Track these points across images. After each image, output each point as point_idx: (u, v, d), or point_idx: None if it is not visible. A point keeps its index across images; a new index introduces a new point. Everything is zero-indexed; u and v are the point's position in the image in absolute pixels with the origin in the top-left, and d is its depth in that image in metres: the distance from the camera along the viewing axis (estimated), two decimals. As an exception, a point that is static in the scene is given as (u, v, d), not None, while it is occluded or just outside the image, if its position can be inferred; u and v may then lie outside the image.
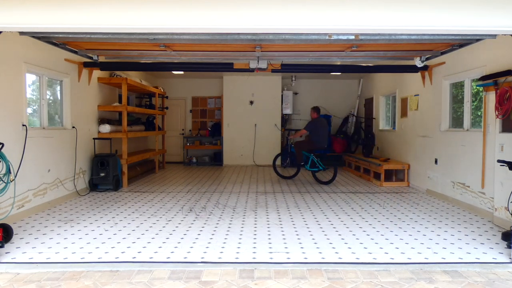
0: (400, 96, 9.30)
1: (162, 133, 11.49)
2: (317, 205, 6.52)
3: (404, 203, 6.67)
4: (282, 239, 4.58)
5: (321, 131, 8.88)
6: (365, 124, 11.88)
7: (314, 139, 8.86)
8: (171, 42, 5.88)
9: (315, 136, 8.85)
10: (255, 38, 5.31)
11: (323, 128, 8.96)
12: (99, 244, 4.38)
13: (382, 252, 4.15)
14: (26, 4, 3.63)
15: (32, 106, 6.24)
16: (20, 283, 3.38)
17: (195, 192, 7.69)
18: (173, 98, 13.07)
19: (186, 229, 5.02)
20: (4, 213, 4.94)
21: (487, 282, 3.42)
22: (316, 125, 8.90)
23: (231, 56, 7.19)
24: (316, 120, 9.00)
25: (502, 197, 5.10)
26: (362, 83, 12.73)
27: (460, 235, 4.78)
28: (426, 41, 5.65)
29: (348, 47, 6.26)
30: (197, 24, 3.72)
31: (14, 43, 5.42)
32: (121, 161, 8.03)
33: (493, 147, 5.49)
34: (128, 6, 3.66)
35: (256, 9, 3.67)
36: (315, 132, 8.85)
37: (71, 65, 7.04)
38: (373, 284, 3.35)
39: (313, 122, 8.97)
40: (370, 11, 3.66)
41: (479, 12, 3.64)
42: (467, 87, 6.53)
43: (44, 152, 6.18)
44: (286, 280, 3.42)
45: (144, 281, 3.39)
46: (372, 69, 8.74)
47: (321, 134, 8.86)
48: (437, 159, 7.31)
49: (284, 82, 12.94)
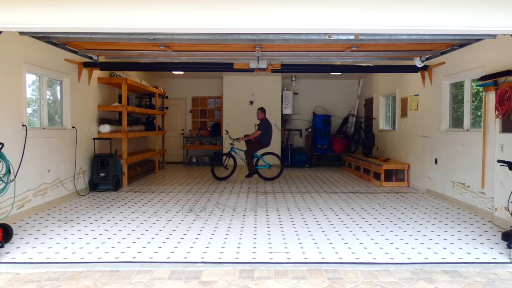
0: (400, 96, 9.30)
1: (162, 133, 11.49)
2: (317, 205, 6.52)
3: (404, 203, 6.67)
4: (282, 239, 4.58)
5: (270, 131, 9.12)
6: (365, 124, 11.87)
7: (264, 139, 8.97)
8: (171, 42, 5.88)
9: (266, 136, 8.97)
10: (255, 38, 5.31)
11: (271, 128, 9.21)
12: (99, 244, 4.38)
13: (382, 252, 4.15)
14: (26, 4, 3.63)
15: (32, 106, 6.24)
16: (20, 283, 3.38)
17: (195, 192, 7.69)
18: (173, 98, 13.06)
19: (186, 229, 5.02)
20: (4, 213, 4.94)
21: (487, 282, 3.42)
22: (267, 125, 9.05)
23: (231, 56, 7.19)
24: (266, 120, 9.12)
25: (502, 197, 5.10)
26: (362, 83, 12.73)
27: (460, 235, 4.78)
28: (426, 41, 5.66)
29: (348, 47, 6.26)
30: (197, 24, 3.72)
31: (14, 43, 5.42)
32: (121, 161, 8.03)
33: (493, 147, 5.49)
34: (128, 6, 3.66)
35: (256, 9, 3.67)
36: (266, 133, 8.98)
37: (71, 65, 7.04)
38: (373, 284, 3.35)
39: (265, 123, 9.07)
40: (370, 11, 3.66)
41: (479, 12, 3.64)
42: (467, 87, 6.53)
43: (44, 152, 6.18)
44: (286, 280, 3.42)
45: (144, 281, 3.39)
46: (372, 69, 8.75)
47: (270, 133, 9.09)
48: (437, 159, 7.31)
49: (284, 82, 12.94)
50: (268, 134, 9.05)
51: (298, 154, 12.46)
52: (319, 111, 12.99)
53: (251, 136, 9.10)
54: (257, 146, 9.04)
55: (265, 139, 9.01)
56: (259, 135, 8.97)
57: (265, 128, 9.01)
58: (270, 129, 9.12)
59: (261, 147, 9.08)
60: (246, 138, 9.19)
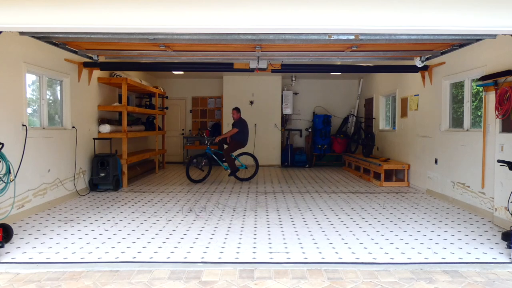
0: (400, 96, 9.30)
1: (162, 133, 11.49)
2: (317, 205, 6.52)
3: (404, 203, 6.67)
4: (282, 239, 4.58)
5: (247, 130, 9.06)
6: (365, 124, 11.88)
7: (242, 139, 8.89)
8: (171, 42, 5.88)
9: (242, 136, 8.89)
10: (255, 38, 5.31)
11: (247, 127, 9.14)
12: (99, 244, 4.38)
13: (382, 252, 4.15)
14: (26, 4, 3.63)
15: (32, 106, 6.24)
16: (20, 283, 3.38)
17: (195, 192, 7.69)
18: (173, 98, 13.07)
19: (186, 229, 5.02)
20: (4, 213, 4.94)
21: (487, 282, 3.42)
22: (243, 124, 8.97)
23: (231, 56, 7.19)
24: (242, 120, 9.05)
25: (502, 197, 5.10)
26: (362, 83, 12.73)
27: (460, 235, 4.78)
28: (426, 41, 5.66)
29: (348, 47, 6.26)
30: (197, 24, 3.72)
31: (14, 43, 5.42)
32: (121, 161, 8.03)
33: (493, 147, 5.49)
34: (128, 6, 3.66)
35: (256, 9, 3.67)
36: (243, 132, 8.90)
37: (71, 65, 7.04)
38: (373, 284, 3.35)
39: (241, 122, 8.98)
40: (370, 11, 3.66)
41: (479, 12, 3.64)
42: (467, 87, 6.52)
43: (44, 152, 6.18)
44: (286, 280, 3.42)
45: (144, 281, 3.39)
46: (372, 69, 8.75)
47: (246, 133, 9.03)
48: (437, 159, 7.31)
49: (284, 82, 12.94)
50: (245, 133, 8.96)
51: (298, 154, 12.47)
52: (319, 111, 13.00)
53: (228, 134, 8.90)
54: (235, 145, 8.89)
55: (243, 138, 8.90)
56: (236, 133, 8.80)
57: (242, 127, 8.90)
58: (246, 128, 9.04)
59: (239, 147, 8.95)
60: (223, 136, 8.97)
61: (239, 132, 8.84)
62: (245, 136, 9.00)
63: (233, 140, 8.89)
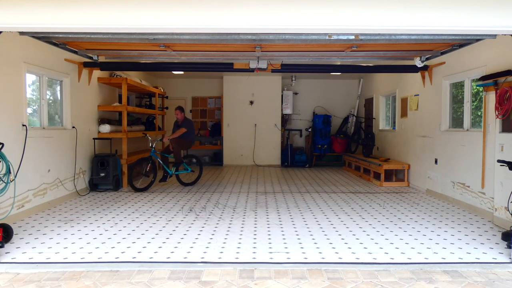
0: (400, 96, 9.30)
1: (162, 133, 11.47)
2: (317, 205, 6.52)
3: (404, 203, 6.67)
4: (282, 239, 4.58)
5: (194, 129, 8.99)
6: (365, 124, 11.88)
7: (190, 138, 8.79)
8: (171, 42, 5.88)
9: (191, 135, 8.79)
10: (255, 38, 5.31)
11: (194, 127, 9.05)
12: (99, 244, 4.38)
13: (382, 252, 4.15)
14: (26, 4, 3.63)
15: (32, 106, 6.24)
16: (20, 283, 3.38)
17: (195, 192, 7.69)
18: (173, 98, 13.05)
19: (186, 229, 5.02)
20: (4, 213, 4.94)
21: (487, 282, 3.42)
22: (190, 123, 8.84)
23: (231, 56, 7.19)
24: (188, 120, 8.87)
25: (502, 197, 5.10)
26: (362, 83, 12.73)
27: (460, 235, 4.78)
28: (426, 41, 5.66)
29: (348, 47, 6.26)
30: (197, 24, 3.72)
31: (14, 43, 5.42)
32: (121, 161, 8.03)
33: (493, 147, 5.49)
34: (128, 6, 3.66)
35: (256, 9, 3.67)
36: (191, 131, 8.76)
37: (71, 65, 7.04)
38: (373, 284, 3.35)
39: (188, 121, 8.80)
40: (370, 11, 3.66)
41: (479, 12, 3.64)
42: (467, 87, 6.52)
43: (44, 152, 6.18)
44: (286, 280, 3.42)
45: (144, 281, 3.40)
46: (372, 69, 8.75)
47: (194, 132, 8.95)
48: (437, 159, 7.31)
49: (284, 82, 12.94)
50: (192, 132, 8.86)
51: (298, 154, 12.47)
52: (319, 111, 13.00)
53: (177, 134, 8.51)
54: (183, 144, 8.71)
55: (191, 137, 8.79)
56: (184, 133, 8.53)
57: (189, 126, 8.73)
58: (193, 128, 8.97)
59: (188, 146, 8.84)
60: (173, 136, 8.52)
61: (187, 132, 8.60)
62: (193, 134, 8.89)
63: (181, 139, 8.61)
